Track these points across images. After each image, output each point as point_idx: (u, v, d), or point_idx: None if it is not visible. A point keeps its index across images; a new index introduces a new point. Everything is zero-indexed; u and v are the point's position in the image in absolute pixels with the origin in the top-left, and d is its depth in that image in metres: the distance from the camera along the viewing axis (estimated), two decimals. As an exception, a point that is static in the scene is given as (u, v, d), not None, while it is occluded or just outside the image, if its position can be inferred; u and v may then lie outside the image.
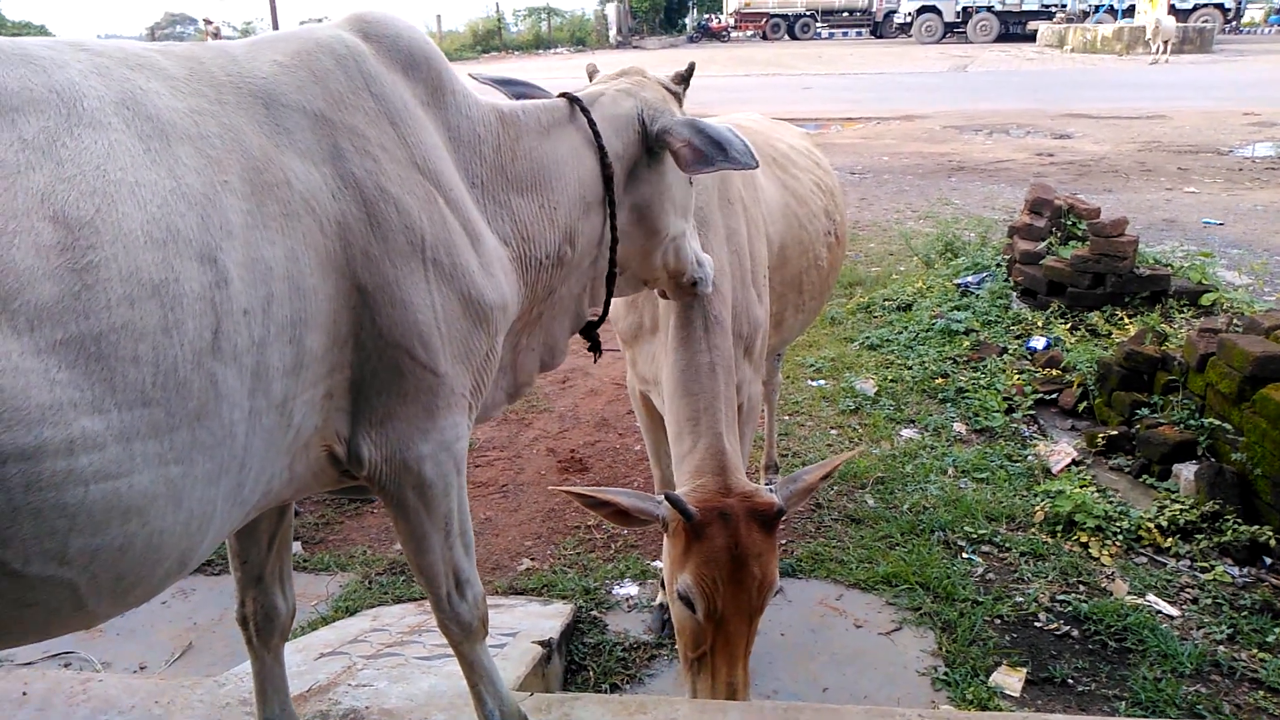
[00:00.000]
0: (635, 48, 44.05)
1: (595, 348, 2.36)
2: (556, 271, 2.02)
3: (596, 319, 2.33)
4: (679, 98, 2.29)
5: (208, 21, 28.79)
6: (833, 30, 44.00)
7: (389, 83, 1.69)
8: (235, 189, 1.38)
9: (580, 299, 2.21)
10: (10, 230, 1.11)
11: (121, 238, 1.20)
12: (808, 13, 43.38)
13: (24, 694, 2.41)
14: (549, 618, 3.32)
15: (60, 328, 1.13)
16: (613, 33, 46.53)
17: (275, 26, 31.09)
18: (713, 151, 2.03)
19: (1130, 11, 34.37)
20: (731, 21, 46.10)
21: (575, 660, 3.29)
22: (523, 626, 3.16)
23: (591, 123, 2.06)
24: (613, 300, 2.32)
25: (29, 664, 3.27)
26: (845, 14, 43.98)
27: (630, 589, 3.74)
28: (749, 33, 44.87)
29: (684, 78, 2.35)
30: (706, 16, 49.83)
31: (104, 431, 1.17)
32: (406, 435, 1.70)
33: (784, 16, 43.50)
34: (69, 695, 2.41)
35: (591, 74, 2.55)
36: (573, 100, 2.10)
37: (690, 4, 52.02)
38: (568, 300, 2.16)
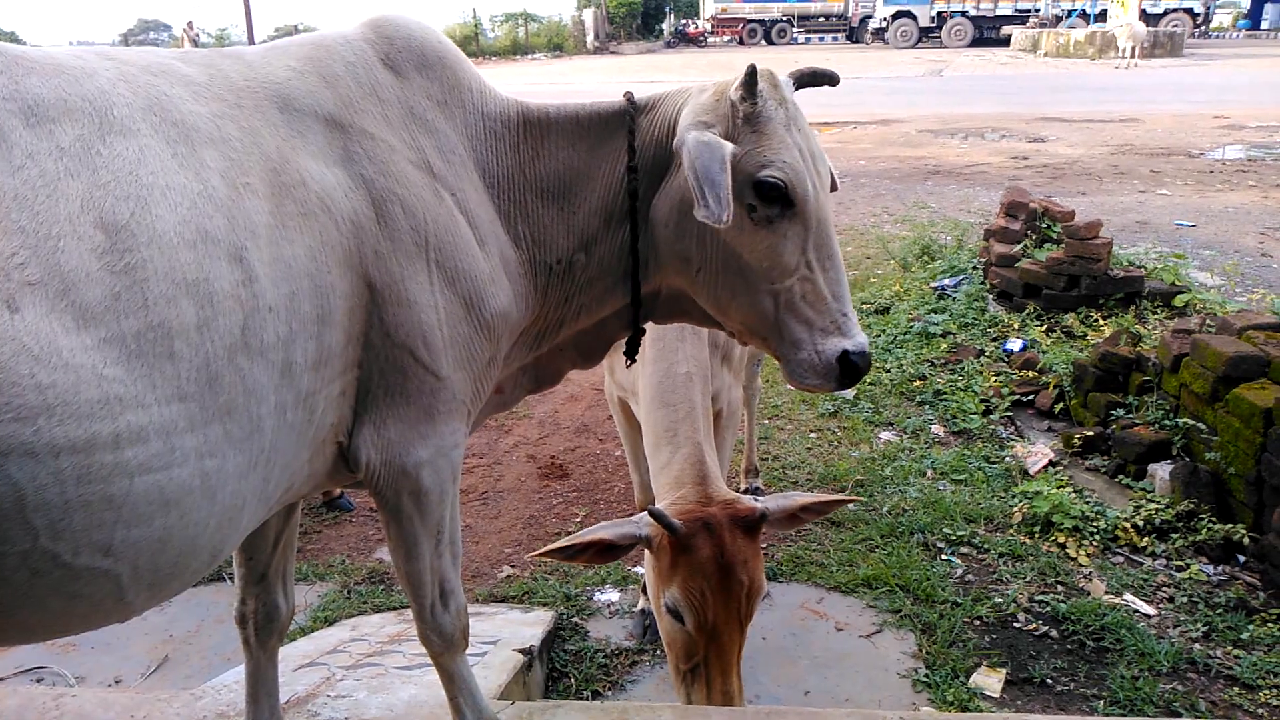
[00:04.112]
0: (612, 53, 44.11)
1: (630, 354, 2.13)
2: (567, 278, 1.92)
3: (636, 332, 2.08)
4: (735, 109, 1.78)
5: (190, 25, 28.48)
6: (809, 35, 44.22)
7: (399, 86, 1.72)
8: (257, 190, 1.43)
9: (618, 309, 2.02)
10: (55, 235, 1.18)
11: (156, 240, 1.26)
12: (784, 18, 43.55)
13: (-4, 711, 2.38)
14: (530, 625, 3.30)
15: (105, 326, 1.19)
16: (590, 38, 46.54)
17: (250, 32, 30.87)
18: (698, 192, 1.65)
19: (1103, 16, 34.75)
20: (708, 27, 46.25)
21: (557, 667, 3.28)
22: (503, 634, 3.15)
23: (631, 131, 1.86)
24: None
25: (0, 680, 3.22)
26: (821, 19, 44.22)
27: (611, 595, 3.73)
28: (726, 38, 45.00)
29: (743, 83, 1.77)
30: (684, 22, 49.95)
31: (147, 425, 1.22)
32: (406, 439, 1.71)
33: (760, 22, 43.64)
34: (41, 711, 2.37)
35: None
36: (630, 103, 1.90)
37: (667, 9, 52.13)
38: (593, 309, 2.00)
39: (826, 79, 1.91)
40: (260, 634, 2.08)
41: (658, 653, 3.28)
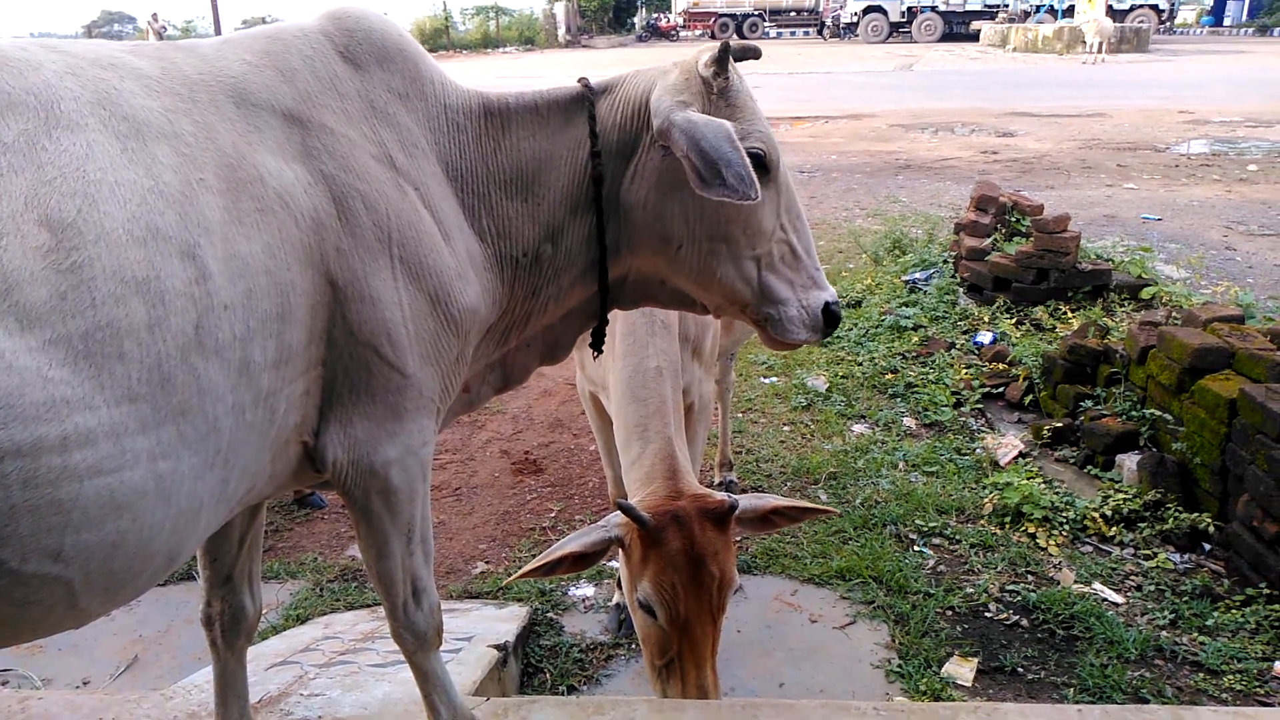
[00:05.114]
0: (584, 47, 44.02)
1: (596, 346, 2.14)
2: (535, 270, 1.91)
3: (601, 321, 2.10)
4: (709, 84, 1.80)
5: (154, 18, 27.95)
6: (780, 30, 44.37)
7: (359, 80, 1.68)
8: (211, 185, 1.39)
9: (584, 300, 2.03)
10: None
11: (104, 237, 1.23)
12: (756, 12, 43.68)
13: (-40, 714, 2.34)
14: (504, 621, 3.30)
15: (50, 327, 1.16)
16: (561, 32, 46.42)
17: (217, 24, 30.48)
18: (708, 172, 1.65)
19: (1070, 11, 35.13)
20: (680, 21, 46.28)
21: (532, 663, 3.28)
22: (478, 630, 3.14)
23: (591, 115, 1.84)
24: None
25: (-34, 683, 3.17)
26: (793, 13, 44.39)
27: (586, 590, 3.73)
28: (698, 32, 45.02)
29: (715, 59, 1.79)
30: (655, 15, 49.90)
31: (95, 428, 1.19)
32: (374, 437, 1.68)
33: (732, 16, 43.71)
34: (7, 714, 2.34)
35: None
36: (586, 88, 1.88)
37: (639, 3, 52.04)
38: (561, 300, 1.99)
39: (752, 54, 1.96)
40: (227, 635, 2.05)
41: (633, 647, 3.29)
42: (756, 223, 1.84)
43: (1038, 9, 37.85)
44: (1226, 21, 43.62)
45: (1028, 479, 4.24)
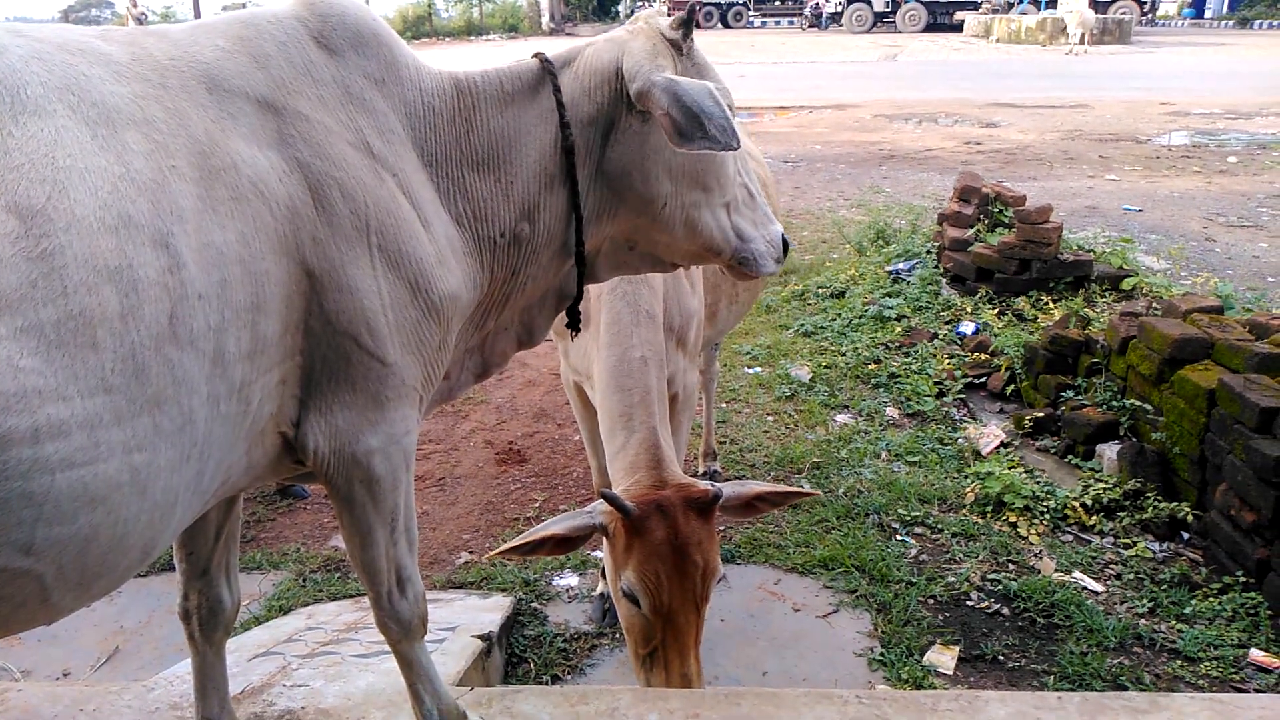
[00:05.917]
0: (569, 35, 43.81)
1: (573, 325, 2.15)
2: (513, 251, 1.91)
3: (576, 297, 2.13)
4: (678, 46, 1.92)
5: (134, 3, 27.52)
6: (765, 19, 44.32)
7: (334, 66, 1.66)
8: (183, 173, 1.37)
9: (560, 277, 2.06)
10: None
11: (75, 225, 1.20)
12: (740, 1, 43.60)
13: (-62, 706, 2.32)
14: (488, 611, 3.30)
15: (20, 315, 1.13)
16: (545, 19, 46.18)
17: (196, 10, 30.15)
18: (689, 126, 1.72)
19: (1053, 2, 35.22)
20: (665, 9, 46.12)
21: (516, 653, 3.28)
22: (462, 620, 3.14)
23: (556, 88, 1.87)
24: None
25: (-56, 674, 3.15)
26: (778, 2, 44.33)
27: (570, 579, 3.74)
28: (683, 21, 44.89)
29: (683, 21, 1.91)
30: (640, 4, 49.74)
31: (69, 419, 1.17)
32: (355, 426, 1.67)
33: (717, 5, 43.59)
34: (-13, 706, 2.32)
35: None
36: (544, 61, 1.91)
37: (624, -9, 51.85)
38: (540, 279, 2.01)
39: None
40: (205, 629, 2.04)
41: (617, 636, 3.30)
42: (726, 171, 1.99)
43: (1021, 0, 37.95)
44: (1208, 14, 43.81)
45: (1009, 469, 4.28)
